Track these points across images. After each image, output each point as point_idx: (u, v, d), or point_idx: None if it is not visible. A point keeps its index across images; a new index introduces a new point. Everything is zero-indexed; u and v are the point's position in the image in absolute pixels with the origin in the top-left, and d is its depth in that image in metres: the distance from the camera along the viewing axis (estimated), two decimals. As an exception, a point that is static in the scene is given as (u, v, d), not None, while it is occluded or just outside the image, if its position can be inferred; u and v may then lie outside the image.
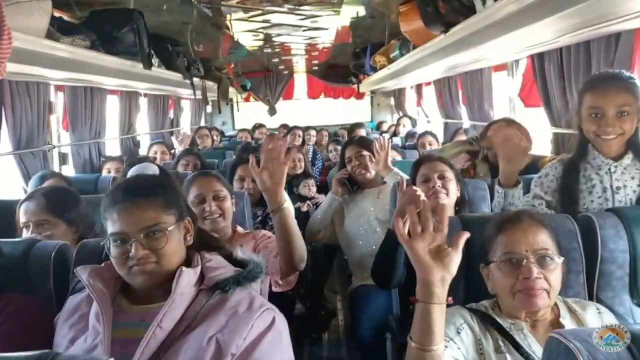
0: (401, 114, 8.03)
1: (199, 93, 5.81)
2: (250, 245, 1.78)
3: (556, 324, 1.18)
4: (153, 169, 2.02)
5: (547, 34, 2.28)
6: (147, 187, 1.18)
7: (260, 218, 2.47)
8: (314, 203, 3.37)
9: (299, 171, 3.65)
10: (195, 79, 5.56)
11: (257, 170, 1.49)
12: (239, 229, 1.93)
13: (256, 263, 1.20)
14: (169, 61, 4.67)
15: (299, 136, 5.34)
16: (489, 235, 1.24)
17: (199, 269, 1.16)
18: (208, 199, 1.83)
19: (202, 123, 8.06)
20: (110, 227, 1.14)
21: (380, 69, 5.67)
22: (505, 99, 3.73)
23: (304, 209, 3.20)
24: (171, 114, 6.45)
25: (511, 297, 1.16)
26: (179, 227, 1.18)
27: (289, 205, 1.55)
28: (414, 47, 3.99)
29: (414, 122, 6.59)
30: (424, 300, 1.02)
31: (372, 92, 9.54)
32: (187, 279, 1.12)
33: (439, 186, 1.89)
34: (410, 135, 5.45)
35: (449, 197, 1.91)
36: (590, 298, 1.39)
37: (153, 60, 4.24)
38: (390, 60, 5.12)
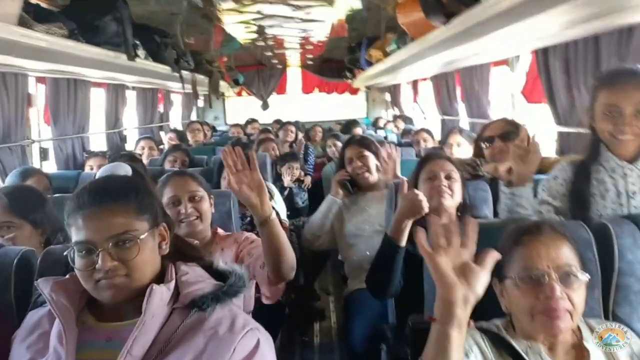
0: (396, 110, 7.93)
1: (188, 87, 5.66)
2: (232, 249, 1.66)
3: (579, 348, 1.06)
4: (125, 169, 1.88)
5: (555, 25, 2.17)
6: (117, 190, 1.04)
7: (248, 219, 2.34)
8: (303, 186, 3.32)
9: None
10: (185, 72, 5.41)
11: (236, 189, 1.39)
12: (220, 231, 1.81)
13: (238, 275, 1.08)
14: (157, 53, 4.54)
15: (292, 132, 5.20)
16: (505, 247, 1.09)
17: (172, 284, 1.02)
18: (183, 201, 1.72)
19: (194, 117, 7.93)
20: (75, 235, 1.00)
21: (376, 63, 5.55)
22: (506, 94, 3.63)
23: (286, 183, 3.14)
24: (161, 108, 6.31)
25: (529, 318, 1.03)
26: (153, 235, 1.05)
27: (281, 209, 1.43)
28: (412, 41, 3.87)
29: (409, 122, 6.48)
30: (443, 322, 0.90)
31: (368, 87, 9.42)
32: (159, 298, 0.99)
33: (444, 185, 1.76)
34: (406, 132, 5.35)
35: (454, 198, 1.78)
36: (606, 314, 1.27)
37: (140, 52, 4.09)
38: (387, 55, 5.01)
